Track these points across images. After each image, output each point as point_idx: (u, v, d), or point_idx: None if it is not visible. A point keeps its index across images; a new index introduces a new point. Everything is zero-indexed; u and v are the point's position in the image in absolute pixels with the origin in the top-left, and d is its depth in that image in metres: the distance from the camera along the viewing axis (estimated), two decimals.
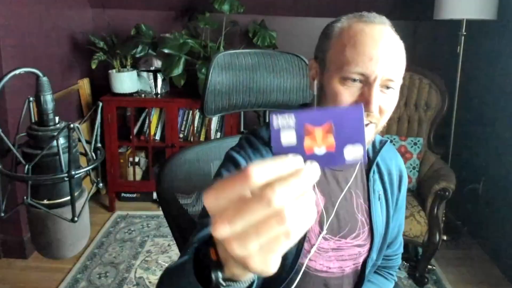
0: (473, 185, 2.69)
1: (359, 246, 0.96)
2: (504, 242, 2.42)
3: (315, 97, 0.92)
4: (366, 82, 0.81)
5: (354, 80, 0.81)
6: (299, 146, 0.40)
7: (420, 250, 2.42)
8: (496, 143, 2.57)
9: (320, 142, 0.41)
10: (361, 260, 0.98)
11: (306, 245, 0.92)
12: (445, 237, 2.61)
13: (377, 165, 1.01)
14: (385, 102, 0.84)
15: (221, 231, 0.36)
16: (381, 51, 0.80)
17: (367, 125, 0.85)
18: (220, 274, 0.46)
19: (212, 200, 0.38)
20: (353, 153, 0.42)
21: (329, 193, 0.94)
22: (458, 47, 2.56)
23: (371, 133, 0.87)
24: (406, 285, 2.30)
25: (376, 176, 1.00)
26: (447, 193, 2.20)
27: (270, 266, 0.38)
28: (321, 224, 0.92)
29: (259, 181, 0.36)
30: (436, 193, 2.23)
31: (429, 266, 2.35)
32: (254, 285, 0.51)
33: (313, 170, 0.38)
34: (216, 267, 0.46)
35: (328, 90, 0.87)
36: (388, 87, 0.83)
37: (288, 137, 0.40)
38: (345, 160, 0.42)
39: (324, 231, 0.92)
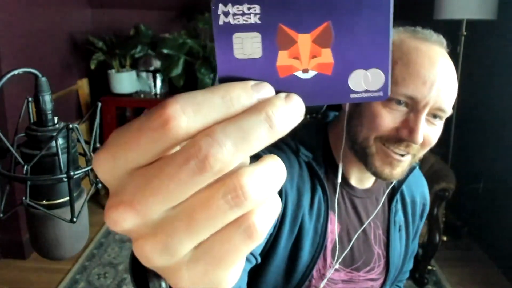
0: (473, 185, 2.69)
1: (372, 280, 0.89)
2: (504, 243, 2.42)
3: (346, 115, 0.81)
4: (413, 108, 0.71)
5: (400, 103, 0.71)
6: (267, 62, 0.23)
7: (420, 250, 2.42)
8: (496, 143, 2.57)
9: (307, 59, 0.23)
10: None
11: (315, 273, 0.84)
12: (445, 238, 2.61)
13: (401, 194, 0.90)
14: (430, 134, 0.74)
15: (123, 220, 0.21)
16: (437, 75, 0.70)
17: (403, 155, 0.74)
18: (163, 284, 0.31)
19: (105, 167, 0.21)
20: (366, 82, 0.24)
21: (345, 220, 0.85)
22: (458, 47, 2.56)
23: (405, 167, 0.76)
24: (406, 285, 2.30)
25: (399, 206, 0.90)
26: (447, 193, 2.20)
27: (218, 285, 0.22)
28: (333, 253, 0.84)
29: (188, 129, 0.20)
30: (436, 193, 2.23)
31: (429, 267, 2.34)
32: None
33: (292, 105, 0.22)
34: (155, 273, 0.28)
35: (365, 109, 0.75)
36: (436, 116, 0.74)
37: (247, 45, 0.22)
38: (350, 92, 0.24)
39: (336, 264, 0.84)
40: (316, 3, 0.22)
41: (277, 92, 0.23)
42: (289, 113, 0.21)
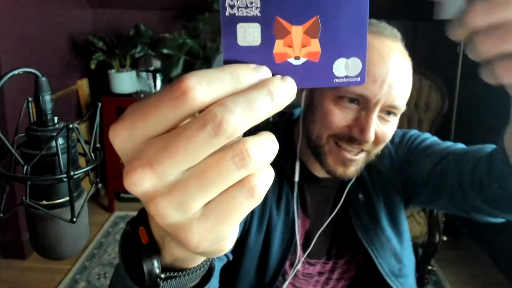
0: None
1: (353, 261, 0.89)
2: (505, 243, 2.42)
3: (302, 111, 0.81)
4: (365, 106, 0.70)
5: (351, 100, 0.70)
6: (265, 49, 0.26)
7: (420, 250, 2.42)
8: (496, 143, 2.57)
9: (299, 48, 0.27)
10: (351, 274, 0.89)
11: (288, 269, 0.84)
12: (445, 238, 2.61)
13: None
14: (383, 131, 0.73)
15: (142, 181, 0.23)
16: (388, 72, 0.68)
17: (357, 154, 0.74)
18: (156, 263, 0.32)
19: (123, 136, 0.24)
20: (347, 69, 0.28)
21: (315, 214, 0.86)
22: (458, 47, 2.56)
23: (359, 165, 0.76)
24: None
25: (356, 183, 0.87)
26: None
27: (222, 240, 0.26)
28: (304, 247, 0.85)
29: (204, 99, 0.23)
30: None
31: (429, 267, 2.34)
32: (213, 275, 0.38)
33: (287, 85, 0.25)
34: (149, 253, 0.32)
35: (318, 107, 0.75)
36: (390, 113, 0.72)
37: (248, 33, 0.26)
38: (334, 77, 0.28)
39: (303, 258, 0.84)
40: (307, 1, 0.26)
41: (273, 75, 0.26)
42: (286, 90, 0.25)
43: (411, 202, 0.90)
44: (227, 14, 0.25)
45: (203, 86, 0.23)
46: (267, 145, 0.24)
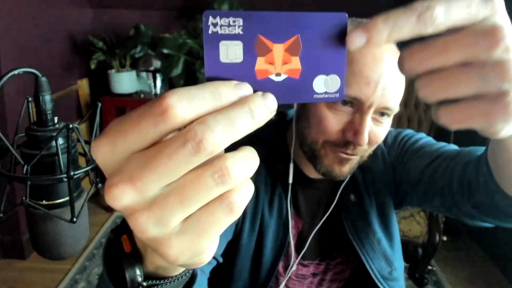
0: None
1: (347, 262, 0.89)
2: (504, 243, 2.42)
3: (294, 114, 0.81)
4: (359, 108, 0.69)
5: (345, 103, 0.69)
6: (247, 66, 0.27)
7: (420, 250, 2.42)
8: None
9: (280, 65, 0.28)
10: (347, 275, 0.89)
11: (281, 270, 0.84)
12: (445, 238, 2.61)
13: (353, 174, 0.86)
14: (376, 132, 0.72)
15: (123, 196, 0.23)
16: (382, 74, 0.67)
17: (352, 155, 0.73)
18: (138, 271, 0.33)
19: (105, 151, 0.24)
20: (326, 85, 0.29)
21: (308, 214, 0.86)
22: None
23: (353, 164, 0.76)
24: (406, 285, 2.30)
25: (348, 184, 0.86)
26: None
27: (201, 254, 0.26)
28: (297, 249, 0.85)
29: (185, 117, 0.23)
30: None
31: (429, 267, 2.34)
32: (196, 282, 0.38)
33: (268, 102, 0.26)
34: (131, 262, 0.33)
35: (311, 111, 0.73)
36: (383, 114, 0.72)
37: (230, 51, 0.26)
38: (313, 93, 0.29)
39: (297, 260, 0.84)
40: (289, 20, 0.27)
41: (254, 91, 0.27)
42: (266, 107, 0.25)
43: (404, 203, 0.90)
44: (210, 32, 0.26)
45: (184, 104, 0.23)
46: (247, 161, 0.25)
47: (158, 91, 2.93)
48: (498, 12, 0.27)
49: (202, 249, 0.25)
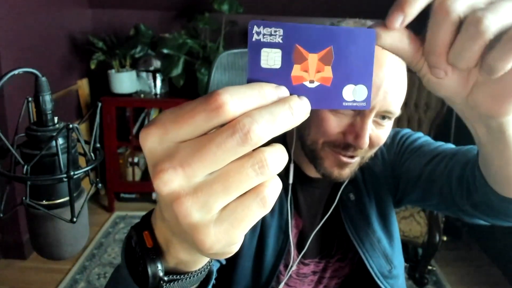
0: None
1: (346, 259, 0.89)
2: (504, 243, 2.42)
3: None
4: (360, 112, 0.70)
5: None
6: (284, 72, 0.30)
7: (420, 250, 2.42)
8: None
9: (313, 73, 0.31)
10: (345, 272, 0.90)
11: (282, 269, 0.84)
12: (445, 238, 2.61)
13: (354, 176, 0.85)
14: (377, 135, 0.73)
15: (172, 181, 0.25)
16: (384, 78, 0.68)
17: (352, 157, 0.74)
18: (159, 266, 0.34)
19: (154, 139, 0.27)
20: (354, 94, 0.32)
21: (309, 214, 0.86)
22: None
23: (354, 167, 0.77)
24: (406, 285, 2.30)
25: (348, 183, 0.86)
26: None
27: (233, 244, 0.28)
28: (298, 248, 0.85)
29: (235, 112, 0.25)
30: None
31: (429, 267, 2.34)
32: (212, 279, 0.40)
33: (305, 103, 0.29)
34: (153, 257, 0.34)
35: (312, 112, 0.76)
36: (384, 117, 0.73)
37: (270, 58, 0.29)
38: (342, 101, 0.32)
39: (298, 259, 0.85)
40: (323, 33, 0.30)
41: (290, 95, 0.29)
42: (303, 108, 0.28)
43: (403, 201, 0.90)
44: (253, 39, 0.29)
45: (235, 101, 0.25)
46: (280, 156, 0.27)
47: (158, 91, 2.93)
48: None
49: (235, 239, 0.27)
